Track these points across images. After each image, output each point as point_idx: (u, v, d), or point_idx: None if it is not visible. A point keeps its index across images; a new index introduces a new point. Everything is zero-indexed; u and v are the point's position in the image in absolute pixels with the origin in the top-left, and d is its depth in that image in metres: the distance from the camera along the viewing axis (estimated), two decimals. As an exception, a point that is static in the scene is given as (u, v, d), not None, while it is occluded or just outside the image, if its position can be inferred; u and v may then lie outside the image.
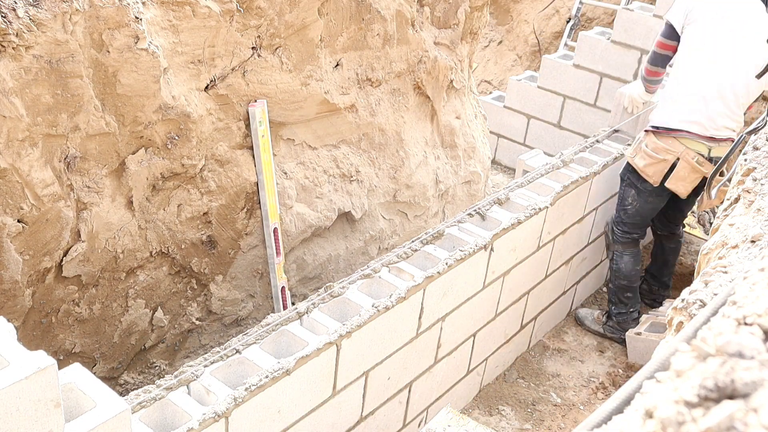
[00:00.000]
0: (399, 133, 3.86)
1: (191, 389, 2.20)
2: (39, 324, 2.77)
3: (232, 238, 3.26)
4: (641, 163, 3.69)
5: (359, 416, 2.79)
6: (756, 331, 0.67)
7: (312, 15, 3.18)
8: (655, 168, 3.66)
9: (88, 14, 2.42)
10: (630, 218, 3.88)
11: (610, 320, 4.13)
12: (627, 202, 3.84)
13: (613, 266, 4.03)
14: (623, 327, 4.08)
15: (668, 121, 3.59)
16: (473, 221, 3.20)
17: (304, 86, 3.28)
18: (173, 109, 2.78)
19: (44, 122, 2.43)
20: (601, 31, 5.63)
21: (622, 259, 3.97)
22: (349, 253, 3.82)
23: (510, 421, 3.55)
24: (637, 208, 3.83)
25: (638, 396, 0.76)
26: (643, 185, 3.75)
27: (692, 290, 1.27)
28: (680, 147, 3.57)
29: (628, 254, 3.97)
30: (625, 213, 3.89)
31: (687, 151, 3.57)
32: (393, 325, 2.72)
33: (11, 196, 2.43)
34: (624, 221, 3.90)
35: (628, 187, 3.83)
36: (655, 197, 3.79)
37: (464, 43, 4.16)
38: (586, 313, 4.27)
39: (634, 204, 3.83)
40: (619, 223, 3.93)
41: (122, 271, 2.93)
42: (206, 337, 3.41)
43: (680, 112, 3.55)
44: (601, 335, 4.17)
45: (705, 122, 3.51)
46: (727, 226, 1.55)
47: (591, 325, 4.20)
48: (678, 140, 3.58)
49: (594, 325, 4.19)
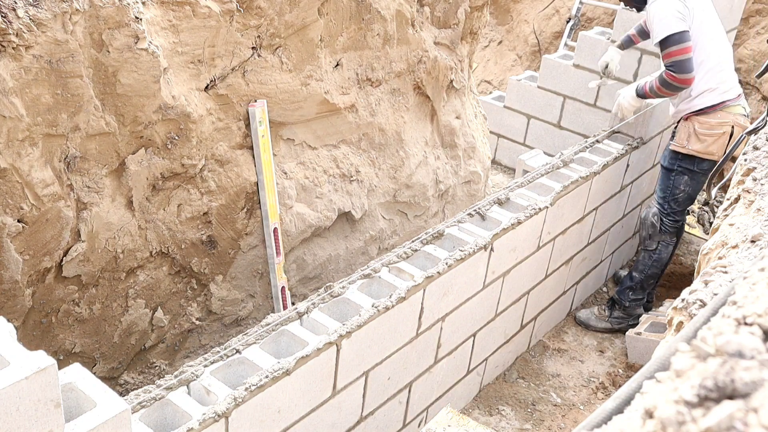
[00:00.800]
0: (399, 133, 3.86)
1: (191, 389, 2.20)
2: (39, 324, 2.77)
3: (232, 238, 3.26)
4: (700, 146, 3.85)
5: (359, 416, 2.79)
6: (756, 331, 0.67)
7: (312, 15, 3.18)
8: (718, 143, 3.84)
9: (88, 14, 2.42)
10: (681, 205, 4.02)
11: (615, 311, 4.21)
12: (679, 189, 3.97)
13: (653, 255, 4.12)
14: (630, 314, 4.19)
15: (708, 101, 3.82)
16: (473, 221, 3.20)
17: (304, 86, 3.28)
18: (173, 109, 2.78)
19: (44, 122, 2.43)
20: (601, 31, 5.63)
21: (667, 249, 4.11)
22: (349, 253, 3.82)
23: (510, 421, 3.55)
24: (689, 192, 3.98)
25: (638, 396, 0.76)
26: (699, 166, 3.89)
27: (692, 290, 1.27)
28: (730, 116, 3.83)
29: (673, 243, 4.12)
30: (675, 201, 4.00)
31: (736, 117, 3.83)
32: (393, 325, 2.72)
33: (11, 196, 2.43)
34: (675, 210, 4.02)
35: (679, 175, 3.94)
36: (707, 174, 3.92)
37: (464, 43, 4.16)
38: (588, 314, 4.29)
39: (686, 190, 3.96)
40: (669, 213, 4.03)
41: (122, 271, 2.93)
42: (206, 337, 3.41)
43: (714, 90, 3.81)
44: (609, 330, 4.23)
45: (730, 88, 3.85)
46: (727, 226, 1.55)
47: (596, 323, 4.25)
48: (725, 111, 3.82)
49: (599, 322, 4.24)
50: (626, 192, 4.34)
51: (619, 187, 4.20)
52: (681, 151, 3.90)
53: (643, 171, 4.45)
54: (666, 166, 3.99)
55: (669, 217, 4.03)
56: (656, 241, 4.10)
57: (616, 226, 4.43)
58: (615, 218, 4.37)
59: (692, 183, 3.96)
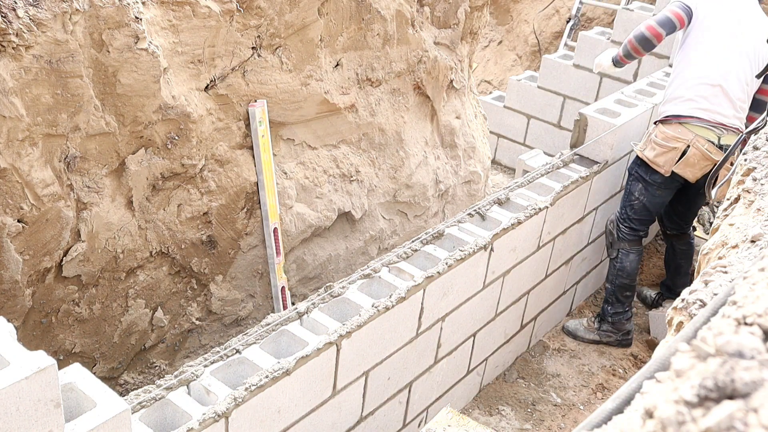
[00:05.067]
0: (399, 133, 3.86)
1: (191, 389, 2.20)
2: (39, 324, 2.77)
3: (232, 238, 3.26)
4: (651, 154, 3.66)
5: (359, 416, 2.80)
6: (756, 331, 0.67)
7: (312, 15, 3.18)
8: (665, 157, 3.63)
9: (88, 14, 2.42)
10: (637, 214, 3.83)
11: (604, 323, 4.07)
12: (634, 197, 3.80)
13: (616, 264, 3.95)
14: (618, 328, 4.05)
15: (676, 110, 3.60)
16: (473, 221, 3.20)
17: (304, 86, 3.28)
18: (173, 109, 2.78)
19: (44, 122, 2.43)
20: (601, 31, 5.63)
21: (628, 258, 3.91)
22: (349, 253, 3.82)
23: (510, 421, 3.55)
24: (644, 202, 3.79)
25: (638, 396, 0.76)
26: (651, 177, 3.71)
27: (692, 290, 1.27)
28: (690, 134, 3.57)
29: (634, 252, 3.92)
30: (631, 209, 3.83)
31: (697, 138, 3.56)
32: (393, 325, 2.72)
33: (11, 196, 2.43)
34: (630, 217, 3.85)
35: (635, 181, 3.79)
36: (663, 189, 3.76)
37: (464, 43, 4.16)
38: (576, 324, 4.18)
39: (641, 198, 3.79)
40: (625, 219, 3.87)
41: (122, 271, 2.93)
42: (206, 337, 3.41)
43: (688, 100, 3.57)
44: (596, 342, 4.11)
45: (713, 109, 3.54)
46: (727, 226, 1.55)
47: (584, 334, 4.12)
48: (687, 127, 3.57)
49: (587, 333, 4.12)
50: (626, 192, 4.34)
51: (619, 187, 4.20)
52: (639, 155, 3.74)
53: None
54: (628, 169, 3.88)
55: (625, 224, 3.87)
56: (616, 249, 3.94)
57: (616, 226, 4.43)
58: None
59: (646, 194, 3.76)
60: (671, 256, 4.28)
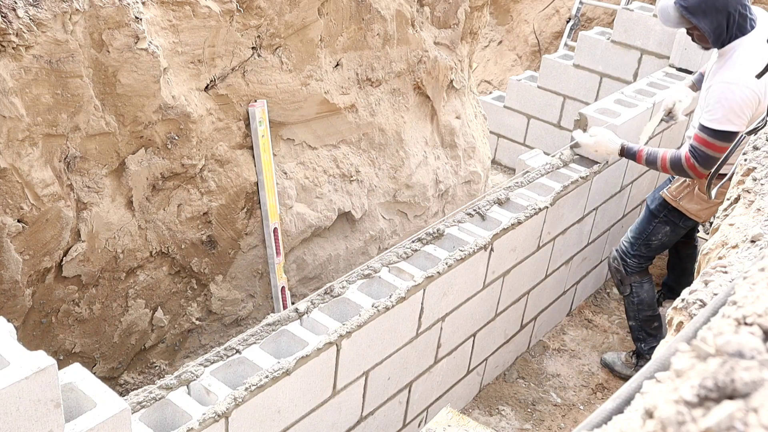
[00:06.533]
0: (399, 133, 3.86)
1: (191, 389, 2.20)
2: (39, 324, 2.77)
3: (232, 238, 3.26)
4: (693, 207, 3.52)
5: (359, 416, 2.80)
6: (756, 331, 0.67)
7: (312, 15, 3.18)
8: (710, 210, 3.51)
9: (88, 14, 2.42)
10: (652, 251, 3.73)
11: (642, 360, 3.89)
12: (656, 238, 3.67)
13: (634, 300, 3.80)
14: None
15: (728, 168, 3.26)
16: (473, 221, 3.20)
17: (304, 86, 3.28)
18: (173, 109, 2.78)
19: (44, 122, 2.43)
20: (601, 31, 5.63)
21: (643, 288, 3.78)
22: (349, 253, 3.82)
23: (510, 421, 3.55)
24: (665, 242, 3.69)
25: (638, 396, 0.76)
26: (685, 223, 3.62)
27: (692, 290, 1.27)
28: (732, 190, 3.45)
29: (647, 281, 3.80)
30: (647, 247, 3.70)
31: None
32: (393, 325, 2.72)
33: (11, 196, 2.43)
34: (643, 255, 3.73)
35: (661, 224, 3.64)
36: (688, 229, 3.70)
37: (464, 43, 4.16)
38: (614, 357, 4.00)
39: (663, 240, 3.68)
40: (636, 256, 3.73)
41: (122, 271, 2.93)
42: (206, 337, 3.41)
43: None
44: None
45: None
46: (727, 226, 1.55)
47: (621, 369, 3.94)
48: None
49: (625, 369, 3.93)
50: (626, 192, 4.34)
51: (619, 187, 4.20)
52: (671, 204, 3.58)
53: (644, 171, 4.45)
54: (652, 210, 3.68)
55: (634, 259, 3.73)
56: (628, 285, 3.80)
57: (616, 226, 4.43)
58: (615, 218, 4.37)
59: (671, 235, 3.67)
60: (676, 260, 4.26)
